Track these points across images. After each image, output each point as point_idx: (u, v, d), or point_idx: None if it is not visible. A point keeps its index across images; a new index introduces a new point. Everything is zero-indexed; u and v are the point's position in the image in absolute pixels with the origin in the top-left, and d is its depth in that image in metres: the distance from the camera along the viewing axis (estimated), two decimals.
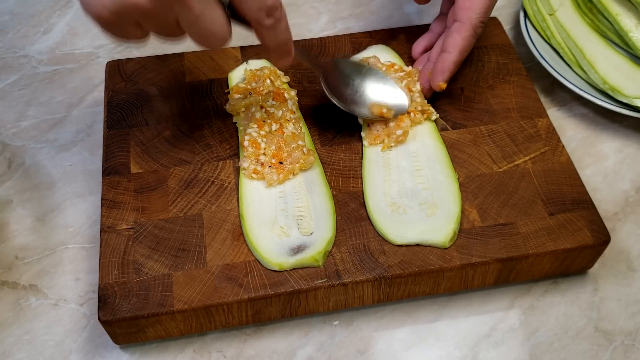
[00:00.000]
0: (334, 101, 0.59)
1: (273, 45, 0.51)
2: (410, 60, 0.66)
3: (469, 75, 0.65)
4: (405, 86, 0.61)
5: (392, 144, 0.58)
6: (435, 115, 0.60)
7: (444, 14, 0.64)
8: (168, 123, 0.61)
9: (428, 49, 0.65)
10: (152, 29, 0.48)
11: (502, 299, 0.56)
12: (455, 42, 0.58)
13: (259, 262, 0.52)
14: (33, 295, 0.56)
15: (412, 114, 0.59)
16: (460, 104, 0.62)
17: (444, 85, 0.59)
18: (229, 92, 0.62)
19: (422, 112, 0.60)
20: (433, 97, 0.62)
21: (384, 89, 0.60)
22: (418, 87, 0.61)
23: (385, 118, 0.58)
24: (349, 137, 0.60)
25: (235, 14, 0.48)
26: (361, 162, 0.58)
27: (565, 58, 0.69)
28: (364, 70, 0.61)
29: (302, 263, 0.51)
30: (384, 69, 0.62)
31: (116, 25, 0.47)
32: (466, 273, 0.52)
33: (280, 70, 0.63)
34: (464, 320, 0.55)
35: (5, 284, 0.57)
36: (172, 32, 0.48)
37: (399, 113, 0.59)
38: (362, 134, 0.59)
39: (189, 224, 0.54)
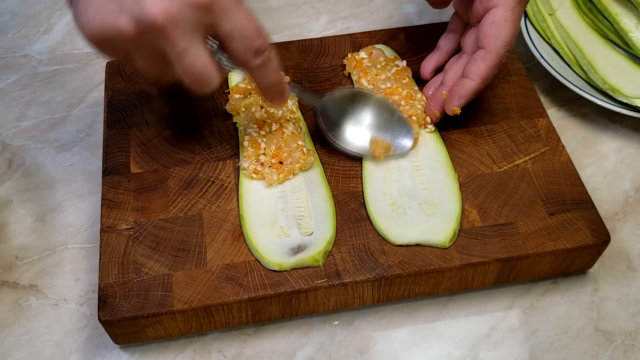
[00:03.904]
0: (330, 140, 0.58)
1: (264, 85, 0.51)
2: (409, 61, 0.66)
3: None
4: (407, 87, 0.61)
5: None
6: (431, 127, 0.60)
7: (452, 32, 0.63)
8: (168, 123, 0.61)
9: (437, 67, 0.63)
10: (141, 61, 0.48)
11: (502, 299, 0.56)
12: (479, 70, 0.56)
13: (259, 262, 0.52)
14: (33, 295, 0.56)
15: (414, 117, 0.59)
16: None
17: (458, 110, 0.57)
18: (229, 92, 0.62)
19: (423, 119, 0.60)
20: None
21: (388, 125, 0.59)
22: (419, 95, 0.61)
23: (377, 158, 0.57)
24: None
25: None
26: (361, 162, 0.58)
27: (565, 58, 0.69)
28: (371, 101, 0.59)
29: (302, 263, 0.51)
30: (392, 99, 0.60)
31: (106, 50, 0.47)
32: (466, 273, 0.52)
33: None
34: (464, 320, 0.55)
35: (5, 284, 0.57)
36: (160, 68, 0.48)
37: (400, 153, 0.58)
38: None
39: (189, 224, 0.54)
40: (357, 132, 0.58)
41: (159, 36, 0.44)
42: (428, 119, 0.60)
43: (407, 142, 0.58)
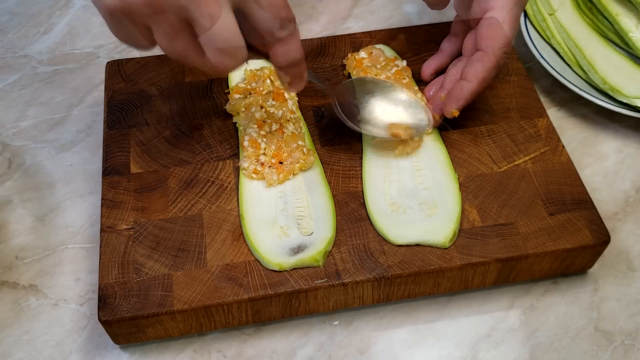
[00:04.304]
0: (349, 124, 0.57)
1: (285, 63, 0.49)
2: (409, 61, 0.66)
3: None
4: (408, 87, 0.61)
5: (409, 151, 0.58)
6: (429, 129, 0.60)
7: (455, 35, 0.63)
8: (168, 123, 0.61)
9: (438, 70, 0.63)
10: (162, 35, 0.46)
11: (502, 299, 0.56)
12: (477, 72, 0.56)
13: (259, 262, 0.52)
14: (33, 295, 0.56)
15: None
16: None
17: (456, 113, 0.58)
18: (229, 92, 0.62)
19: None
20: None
21: (404, 107, 0.59)
22: (419, 96, 0.61)
23: (401, 139, 0.57)
24: (349, 137, 0.60)
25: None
26: (361, 162, 0.58)
27: (565, 58, 0.69)
28: (383, 87, 0.60)
29: (302, 263, 0.51)
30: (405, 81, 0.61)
31: (124, 22, 0.45)
32: (466, 273, 0.52)
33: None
34: (464, 320, 0.55)
35: (5, 284, 0.57)
36: (183, 43, 0.46)
37: (420, 133, 0.58)
38: (365, 143, 0.59)
39: (189, 224, 0.54)
40: (375, 118, 0.59)
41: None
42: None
43: (424, 123, 0.59)
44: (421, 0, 0.65)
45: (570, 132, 0.67)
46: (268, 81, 0.62)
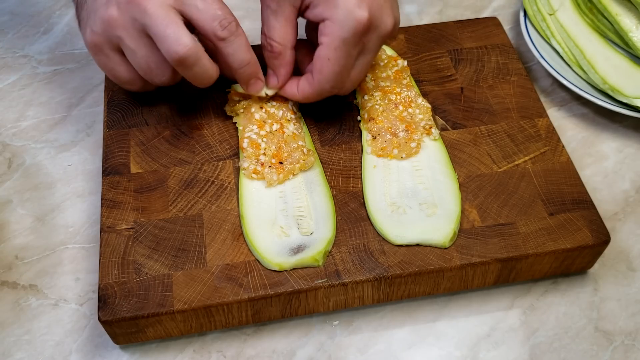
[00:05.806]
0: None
1: (234, 64, 0.54)
2: (409, 61, 0.66)
3: (469, 75, 0.65)
4: (406, 98, 0.60)
5: (403, 156, 0.58)
6: (435, 135, 0.59)
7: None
8: (168, 123, 0.61)
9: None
10: (129, 51, 0.54)
11: (502, 299, 0.56)
12: (303, 88, 0.57)
13: (259, 262, 0.52)
14: (33, 295, 0.56)
15: (414, 126, 0.59)
16: (460, 104, 0.62)
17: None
18: (229, 92, 0.62)
19: (425, 127, 0.59)
20: (432, 97, 0.63)
21: None
22: (420, 100, 0.61)
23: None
24: (349, 137, 0.60)
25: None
26: (361, 162, 0.58)
27: (565, 58, 0.69)
28: None
29: (302, 263, 0.51)
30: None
31: (103, 51, 0.55)
32: (466, 273, 0.52)
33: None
34: (464, 320, 0.55)
35: (5, 284, 0.57)
36: (147, 57, 0.54)
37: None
38: (365, 143, 0.59)
39: (189, 224, 0.54)
40: None
41: (112, 32, 0.53)
42: (432, 130, 0.59)
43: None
44: (421, 0, 0.65)
45: (570, 132, 0.67)
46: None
